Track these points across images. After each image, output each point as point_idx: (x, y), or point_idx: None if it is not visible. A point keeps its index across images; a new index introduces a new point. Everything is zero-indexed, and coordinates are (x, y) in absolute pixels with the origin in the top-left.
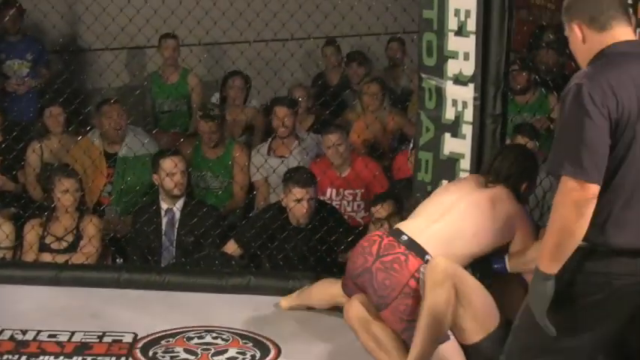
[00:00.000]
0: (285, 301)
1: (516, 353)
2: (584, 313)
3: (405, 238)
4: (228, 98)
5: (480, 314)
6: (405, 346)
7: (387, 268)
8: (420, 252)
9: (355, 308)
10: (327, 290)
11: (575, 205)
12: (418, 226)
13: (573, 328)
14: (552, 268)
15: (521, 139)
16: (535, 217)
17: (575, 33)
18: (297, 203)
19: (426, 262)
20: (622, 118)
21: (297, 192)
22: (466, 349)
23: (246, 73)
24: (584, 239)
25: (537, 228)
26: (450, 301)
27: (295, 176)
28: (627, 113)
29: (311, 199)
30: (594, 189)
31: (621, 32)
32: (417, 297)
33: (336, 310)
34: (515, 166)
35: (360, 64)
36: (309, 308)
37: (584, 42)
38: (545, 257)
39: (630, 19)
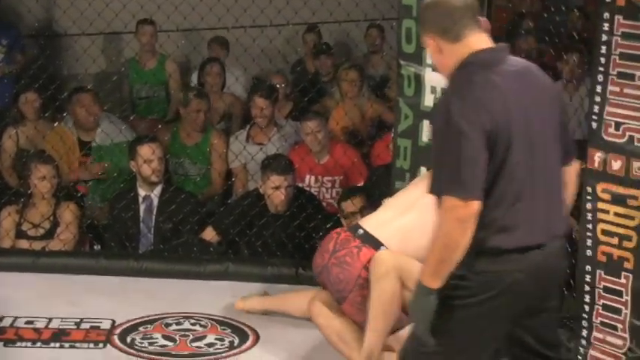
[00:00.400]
0: (242, 305)
1: (412, 354)
2: (479, 314)
3: (361, 232)
4: (205, 85)
5: None
6: None
7: (340, 262)
8: (374, 243)
9: (316, 306)
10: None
11: (459, 222)
12: (381, 219)
13: (469, 330)
14: (435, 282)
15: None
16: None
17: (430, 45)
18: (275, 191)
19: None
20: (495, 129)
21: (275, 179)
22: None
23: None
24: (471, 243)
25: None
26: (396, 292)
27: (273, 164)
28: (499, 123)
29: (289, 186)
30: (477, 205)
31: (476, 40)
32: None
33: None
34: None
35: (328, 55)
36: None
37: (441, 53)
38: (429, 272)
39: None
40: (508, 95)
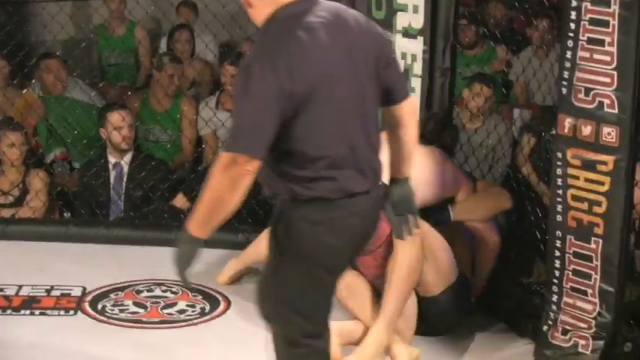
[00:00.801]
0: (224, 276)
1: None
2: (316, 261)
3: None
4: (175, 51)
5: (442, 268)
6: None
7: None
8: None
9: None
10: None
11: (231, 179)
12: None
13: (307, 281)
14: (202, 233)
15: (478, 86)
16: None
17: None
18: None
19: None
20: (300, 89)
21: None
22: (424, 300)
23: (192, 27)
24: (299, 193)
25: (472, 178)
26: (420, 257)
27: None
28: (305, 83)
29: None
30: (254, 164)
31: None
32: None
33: None
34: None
35: None
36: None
37: (251, 7)
38: (197, 221)
39: None
40: (315, 51)
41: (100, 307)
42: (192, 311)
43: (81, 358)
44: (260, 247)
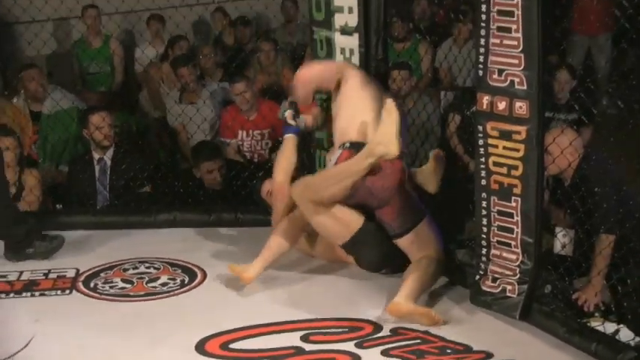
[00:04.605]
0: (249, 275)
1: None
2: None
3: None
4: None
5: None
6: None
7: (381, 176)
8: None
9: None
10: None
11: None
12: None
13: None
14: None
15: (394, 72)
16: None
17: None
18: (210, 174)
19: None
20: None
21: (208, 165)
22: None
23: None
24: None
25: None
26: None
27: (203, 152)
28: None
29: (221, 167)
30: None
31: None
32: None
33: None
34: None
35: (245, 25)
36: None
37: None
38: None
39: None
40: None
41: (92, 285)
42: (174, 283)
43: (78, 330)
44: (282, 239)
